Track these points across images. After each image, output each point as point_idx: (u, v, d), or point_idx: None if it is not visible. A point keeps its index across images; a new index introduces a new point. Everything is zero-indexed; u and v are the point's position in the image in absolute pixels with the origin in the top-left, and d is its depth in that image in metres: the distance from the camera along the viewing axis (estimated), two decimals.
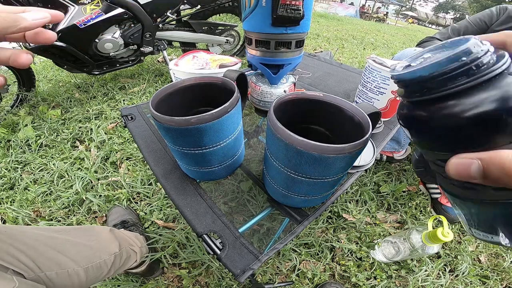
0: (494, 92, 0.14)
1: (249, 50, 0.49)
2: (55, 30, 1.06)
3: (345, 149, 0.25)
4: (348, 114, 0.31)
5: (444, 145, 0.16)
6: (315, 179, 0.29)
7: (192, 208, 0.38)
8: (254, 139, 0.53)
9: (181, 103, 0.38)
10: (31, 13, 0.18)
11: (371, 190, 0.89)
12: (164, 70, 1.64)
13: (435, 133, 0.17)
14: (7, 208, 0.77)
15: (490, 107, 0.14)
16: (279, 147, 0.28)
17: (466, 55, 0.14)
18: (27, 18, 0.18)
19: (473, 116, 0.14)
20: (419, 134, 0.18)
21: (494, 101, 0.14)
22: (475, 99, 0.14)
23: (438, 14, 45.39)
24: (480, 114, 0.14)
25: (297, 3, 0.38)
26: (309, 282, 0.67)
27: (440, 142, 0.17)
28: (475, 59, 0.14)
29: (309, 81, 0.77)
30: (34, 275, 0.35)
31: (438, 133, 0.16)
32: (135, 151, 0.97)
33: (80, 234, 0.47)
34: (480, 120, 0.14)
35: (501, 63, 0.14)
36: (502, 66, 0.14)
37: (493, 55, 0.15)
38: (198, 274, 0.66)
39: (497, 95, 0.14)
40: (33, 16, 0.18)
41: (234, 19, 1.78)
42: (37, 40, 0.20)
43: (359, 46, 3.09)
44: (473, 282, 0.70)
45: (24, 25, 0.18)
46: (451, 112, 0.15)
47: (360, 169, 0.45)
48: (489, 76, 0.14)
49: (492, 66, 0.14)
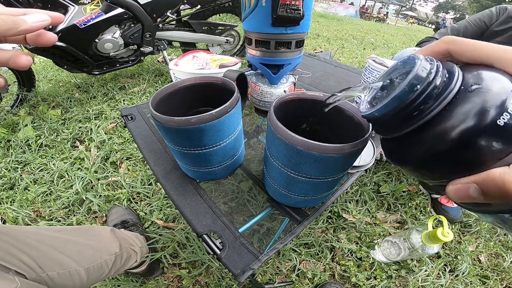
0: (460, 115, 0.13)
1: (249, 50, 0.49)
2: (55, 30, 1.06)
3: (345, 149, 0.25)
4: (348, 114, 0.31)
5: (434, 176, 0.16)
6: (315, 179, 0.29)
7: (192, 208, 0.38)
8: (254, 139, 0.53)
9: (181, 103, 0.38)
10: (31, 16, 0.18)
11: (371, 190, 0.89)
12: (164, 70, 1.64)
13: (418, 167, 0.16)
14: (7, 208, 0.77)
15: (461, 132, 0.13)
16: (279, 146, 0.28)
17: (412, 91, 0.14)
18: (27, 21, 0.18)
19: (447, 146, 0.13)
20: (406, 168, 0.17)
21: (464, 124, 0.13)
22: (445, 127, 0.13)
23: (438, 14, 45.37)
24: (453, 141, 0.13)
25: (297, 3, 0.38)
26: (309, 282, 0.67)
27: (428, 173, 0.16)
28: (426, 88, 0.13)
29: (309, 81, 0.77)
30: (35, 275, 0.35)
31: (422, 167, 0.15)
32: (135, 151, 0.97)
33: (81, 234, 0.47)
34: (455, 148, 0.13)
35: (455, 80, 0.14)
36: (457, 83, 0.13)
37: (443, 71, 0.14)
38: (198, 274, 0.66)
39: (464, 117, 0.13)
40: (34, 18, 0.18)
41: (234, 19, 1.78)
42: (38, 41, 0.20)
43: (359, 46, 3.09)
44: (473, 282, 0.70)
45: (24, 28, 0.18)
46: (423, 147, 0.14)
47: (360, 169, 0.45)
48: (448, 99, 0.13)
49: (447, 88, 0.13)
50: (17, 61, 0.19)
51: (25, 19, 0.18)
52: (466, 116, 0.13)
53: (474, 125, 0.12)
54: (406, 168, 0.17)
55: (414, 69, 0.14)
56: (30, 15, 0.18)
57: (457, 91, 0.13)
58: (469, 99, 0.13)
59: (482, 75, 0.14)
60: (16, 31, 0.17)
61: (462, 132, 0.13)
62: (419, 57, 0.15)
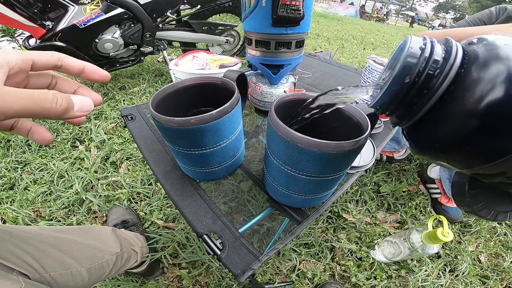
0: (480, 84, 0.11)
1: (249, 50, 0.49)
2: (55, 30, 1.06)
3: (344, 146, 0.25)
4: (347, 114, 0.32)
5: (471, 160, 0.13)
6: (315, 177, 0.29)
7: (192, 208, 0.38)
8: (254, 139, 0.53)
9: (181, 104, 0.38)
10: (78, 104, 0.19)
11: (371, 190, 0.89)
12: (164, 70, 1.64)
13: (449, 150, 0.14)
14: (7, 208, 0.77)
15: (490, 101, 0.11)
16: (280, 145, 0.28)
17: (411, 65, 0.13)
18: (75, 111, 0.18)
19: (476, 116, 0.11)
20: (437, 154, 0.15)
21: (490, 91, 0.11)
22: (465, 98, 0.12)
23: (438, 14, 45.35)
24: (481, 111, 0.11)
25: (297, 3, 0.38)
26: (309, 282, 0.67)
27: (468, 156, 0.13)
28: (424, 60, 0.12)
29: (309, 81, 0.77)
30: (38, 276, 0.35)
31: (453, 149, 0.13)
32: (135, 151, 0.97)
33: (83, 234, 0.47)
34: (486, 120, 0.11)
35: (454, 50, 0.12)
36: (458, 52, 0.12)
37: (439, 44, 0.13)
38: (198, 274, 0.66)
39: (488, 84, 0.11)
40: (81, 108, 0.19)
41: (234, 19, 1.78)
42: (91, 78, 0.23)
43: (359, 46, 3.09)
44: (473, 282, 0.70)
45: (68, 116, 0.18)
46: (448, 125, 0.13)
47: (360, 169, 0.45)
48: (455, 67, 0.12)
49: (449, 56, 0.12)
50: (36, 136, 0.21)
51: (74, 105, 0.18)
52: (490, 83, 0.11)
53: (505, 89, 0.10)
54: (437, 156, 0.15)
55: (406, 45, 0.13)
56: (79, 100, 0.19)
57: (462, 58, 0.12)
58: (483, 65, 0.11)
59: (488, 41, 0.12)
60: (62, 118, 0.18)
61: (492, 101, 0.11)
62: (409, 36, 0.14)
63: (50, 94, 0.17)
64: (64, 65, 0.21)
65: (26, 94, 0.16)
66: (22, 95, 0.15)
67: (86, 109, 0.19)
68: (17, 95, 0.15)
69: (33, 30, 1.06)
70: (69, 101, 0.18)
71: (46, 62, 0.20)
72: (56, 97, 0.17)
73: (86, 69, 0.22)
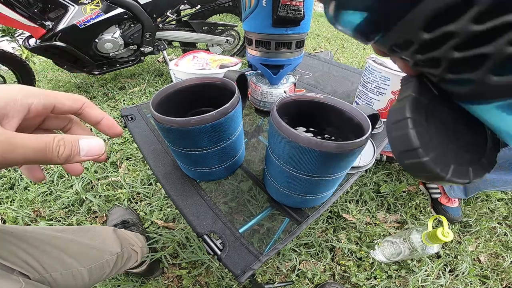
0: None
1: (249, 51, 0.49)
2: (55, 29, 1.06)
3: (345, 147, 0.25)
4: (348, 116, 0.32)
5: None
6: (316, 177, 0.29)
7: (192, 209, 0.38)
8: (254, 139, 0.53)
9: (182, 104, 0.38)
10: (86, 148, 0.18)
11: (371, 190, 0.89)
12: (164, 70, 1.64)
13: None
14: (7, 208, 0.77)
15: None
16: (281, 144, 0.28)
17: None
18: (81, 156, 0.18)
19: None
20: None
21: None
22: None
23: None
24: None
25: (298, 4, 0.38)
26: (309, 282, 0.67)
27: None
28: None
29: (309, 81, 0.77)
30: (39, 276, 0.35)
31: None
32: (135, 151, 0.97)
33: (83, 234, 0.47)
34: None
35: None
36: None
37: None
38: (198, 274, 0.66)
39: None
40: (89, 152, 0.18)
41: (234, 19, 1.78)
42: (105, 132, 0.23)
43: (359, 46, 3.08)
44: (473, 282, 0.70)
45: (73, 162, 0.18)
46: None
47: (360, 170, 0.45)
48: None
49: None
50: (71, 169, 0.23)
51: (81, 150, 0.18)
52: None
53: None
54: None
55: None
56: (86, 144, 0.18)
57: None
58: None
59: None
60: (68, 162, 0.17)
61: None
62: None
63: (55, 142, 0.16)
64: (85, 114, 0.21)
65: (32, 143, 0.15)
66: (29, 144, 0.15)
67: (95, 153, 0.18)
68: (25, 144, 0.15)
69: (33, 30, 1.06)
70: (73, 148, 0.17)
71: (68, 109, 0.20)
72: (59, 146, 0.16)
73: (103, 122, 0.22)
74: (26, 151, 0.15)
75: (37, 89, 0.18)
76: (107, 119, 0.23)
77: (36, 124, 0.20)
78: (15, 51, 1.62)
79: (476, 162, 0.13)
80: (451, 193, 0.82)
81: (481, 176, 0.13)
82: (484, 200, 0.92)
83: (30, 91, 0.18)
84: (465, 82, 0.11)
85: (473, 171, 0.13)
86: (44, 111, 0.18)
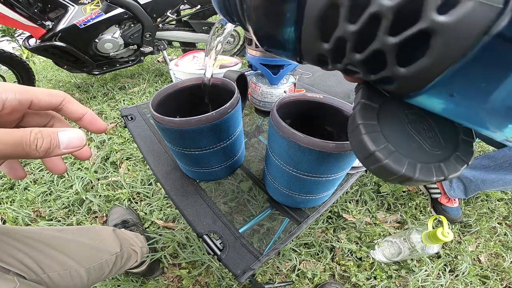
0: None
1: (249, 51, 0.49)
2: (55, 29, 1.06)
3: (345, 147, 0.25)
4: (348, 116, 0.32)
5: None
6: (316, 177, 0.29)
7: (192, 209, 0.38)
8: (254, 139, 0.53)
9: (182, 104, 0.38)
10: (65, 141, 0.17)
11: (371, 190, 0.89)
12: (164, 70, 1.64)
13: None
14: (7, 208, 0.77)
15: None
16: (282, 145, 0.28)
17: None
18: (61, 148, 0.17)
19: None
20: None
21: None
22: None
23: None
24: None
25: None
26: (309, 282, 0.67)
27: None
28: None
29: (309, 81, 0.77)
30: (35, 276, 0.35)
31: None
32: (135, 151, 0.97)
33: (83, 234, 0.47)
34: None
35: None
36: None
37: None
38: (198, 274, 0.66)
39: None
40: (69, 145, 0.18)
41: None
42: (88, 128, 0.23)
43: None
44: (473, 282, 0.70)
45: (53, 155, 0.17)
46: None
47: (360, 170, 0.45)
48: None
49: None
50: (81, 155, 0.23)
51: (60, 143, 0.17)
52: None
53: None
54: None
55: None
56: (65, 135, 0.17)
57: None
58: None
59: None
60: (48, 156, 0.17)
61: None
62: None
63: (32, 136, 0.16)
64: (65, 110, 0.21)
65: (7, 137, 0.15)
66: (4, 138, 0.14)
67: (75, 145, 0.18)
68: (1, 140, 0.14)
69: (33, 30, 1.06)
70: (52, 141, 0.17)
71: (46, 104, 0.19)
72: (37, 139, 0.16)
73: (85, 118, 0.22)
74: (2, 147, 0.14)
75: (13, 84, 0.18)
76: (89, 114, 0.22)
77: (15, 121, 0.20)
78: (15, 51, 1.62)
79: (448, 157, 0.13)
80: (451, 193, 0.82)
81: (458, 170, 0.12)
82: (484, 200, 0.92)
83: (4, 86, 0.17)
84: (387, 79, 0.11)
85: (446, 167, 0.12)
86: (20, 107, 0.18)
